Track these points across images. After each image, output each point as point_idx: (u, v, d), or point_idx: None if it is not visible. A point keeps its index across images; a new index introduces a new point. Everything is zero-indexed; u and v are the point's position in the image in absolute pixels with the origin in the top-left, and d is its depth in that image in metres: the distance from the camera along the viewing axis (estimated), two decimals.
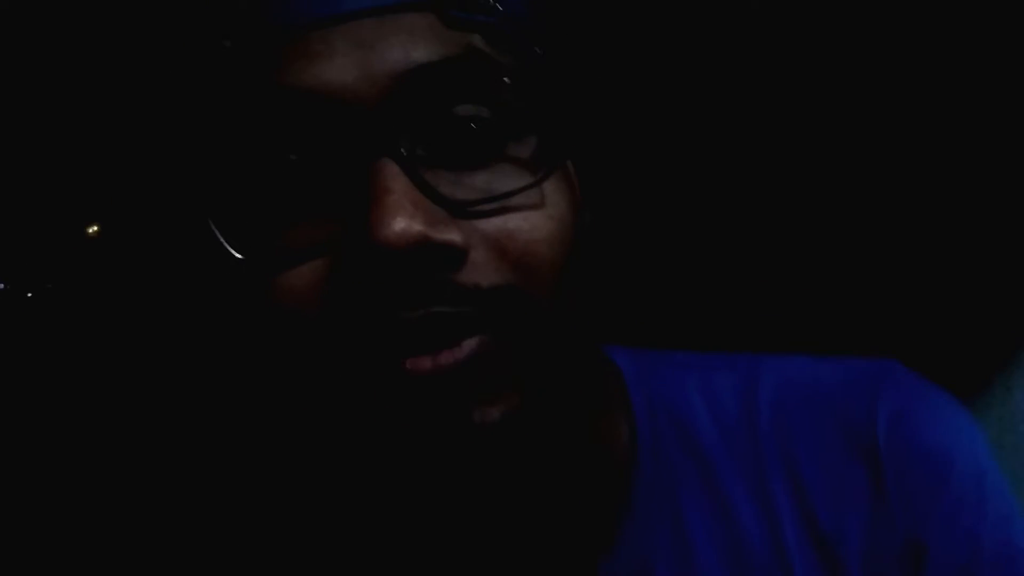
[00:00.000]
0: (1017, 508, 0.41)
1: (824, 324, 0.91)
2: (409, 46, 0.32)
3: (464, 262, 0.32)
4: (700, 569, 0.41)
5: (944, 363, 0.45)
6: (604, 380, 0.44)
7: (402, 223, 0.30)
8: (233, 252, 0.33)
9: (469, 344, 0.32)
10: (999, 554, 0.39)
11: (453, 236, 0.32)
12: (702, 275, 1.02)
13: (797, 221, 0.98)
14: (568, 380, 0.36)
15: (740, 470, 0.42)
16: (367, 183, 0.31)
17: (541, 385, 0.33)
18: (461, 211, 0.32)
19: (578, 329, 0.36)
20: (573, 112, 0.36)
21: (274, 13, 0.33)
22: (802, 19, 1.04)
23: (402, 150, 0.32)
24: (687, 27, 1.05)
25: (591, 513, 0.41)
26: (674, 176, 1.03)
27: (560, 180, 0.36)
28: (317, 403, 0.34)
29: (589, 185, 0.39)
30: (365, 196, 0.31)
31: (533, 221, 0.33)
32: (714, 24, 1.06)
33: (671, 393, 0.45)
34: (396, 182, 0.31)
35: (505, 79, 0.34)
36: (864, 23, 1.00)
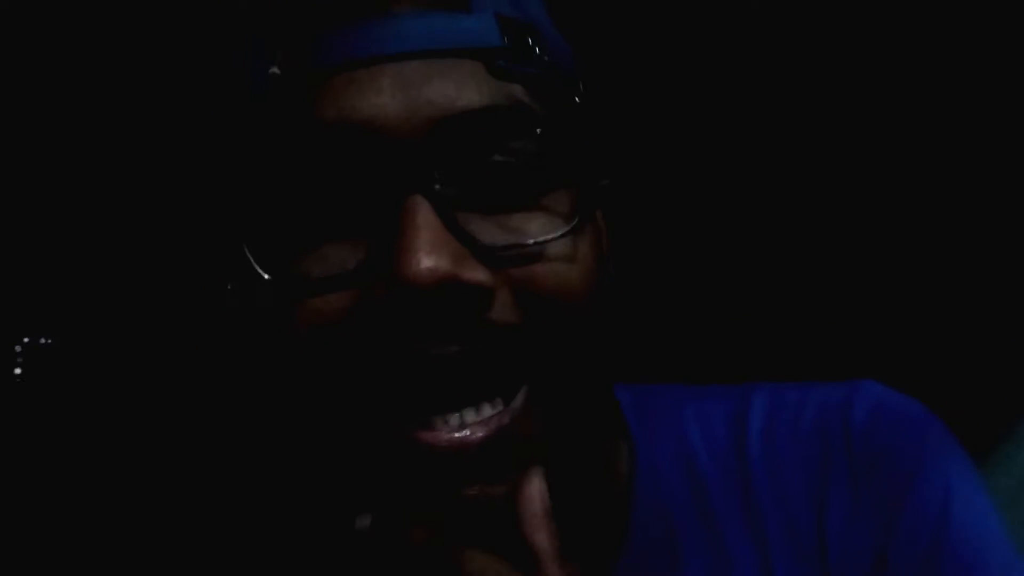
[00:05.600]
0: (990, 513, 0.42)
1: None
2: (454, 91, 0.33)
3: (493, 301, 0.33)
4: None
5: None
6: (610, 414, 0.46)
7: (428, 261, 0.31)
8: (262, 273, 0.34)
9: (495, 419, 0.33)
10: (962, 559, 0.40)
11: (481, 276, 0.32)
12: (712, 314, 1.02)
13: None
14: (584, 423, 0.38)
15: (732, 493, 0.44)
16: (398, 218, 0.32)
17: (555, 450, 0.35)
18: (488, 254, 0.33)
19: (597, 372, 0.37)
20: (607, 164, 0.36)
21: (324, 47, 0.34)
22: (802, 19, 1.04)
23: (436, 188, 0.32)
24: (686, 28, 1.05)
25: (591, 538, 0.43)
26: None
27: (589, 232, 0.37)
28: (329, 427, 0.36)
29: (616, 236, 0.40)
30: (395, 231, 0.32)
31: (558, 269, 0.34)
32: (714, 25, 1.06)
33: (668, 423, 0.47)
34: (427, 219, 0.31)
35: (543, 130, 0.35)
36: (864, 23, 1.01)
